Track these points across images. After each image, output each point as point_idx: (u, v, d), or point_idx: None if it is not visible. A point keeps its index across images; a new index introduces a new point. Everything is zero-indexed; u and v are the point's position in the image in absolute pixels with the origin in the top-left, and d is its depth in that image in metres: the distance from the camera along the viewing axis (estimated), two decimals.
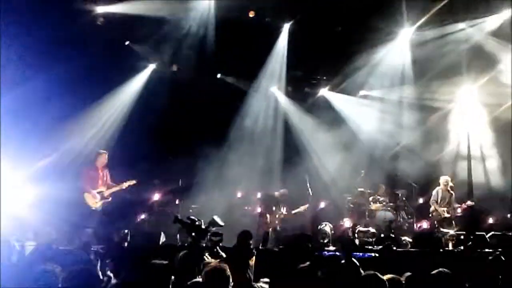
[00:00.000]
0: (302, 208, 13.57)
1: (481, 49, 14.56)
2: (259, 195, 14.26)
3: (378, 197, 14.20)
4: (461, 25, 14.49)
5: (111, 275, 5.47)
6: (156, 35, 13.39)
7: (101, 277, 5.87)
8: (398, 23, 14.82)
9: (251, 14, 14.68)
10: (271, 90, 16.18)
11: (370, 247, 11.88)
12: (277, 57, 15.36)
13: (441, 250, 11.51)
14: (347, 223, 13.18)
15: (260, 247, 11.27)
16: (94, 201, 11.46)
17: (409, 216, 14.23)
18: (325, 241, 12.34)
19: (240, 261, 7.89)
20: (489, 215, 13.80)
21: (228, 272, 5.49)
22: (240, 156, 14.93)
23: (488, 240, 11.63)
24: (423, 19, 14.66)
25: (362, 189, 14.26)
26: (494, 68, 14.95)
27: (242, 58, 14.75)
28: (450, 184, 13.30)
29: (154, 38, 13.55)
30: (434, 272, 6.53)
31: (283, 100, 16.24)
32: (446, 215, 13.02)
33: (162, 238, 11.04)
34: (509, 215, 13.46)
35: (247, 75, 15.75)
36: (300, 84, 16.43)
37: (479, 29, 14.57)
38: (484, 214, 13.87)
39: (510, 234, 11.96)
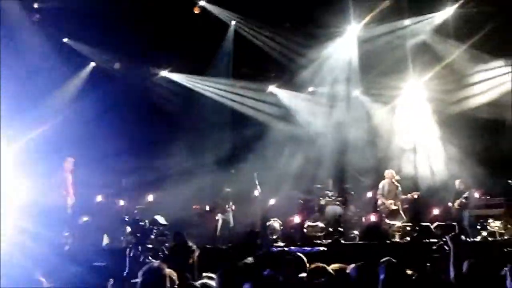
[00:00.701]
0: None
1: (426, 45, 15.05)
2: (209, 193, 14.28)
3: (327, 191, 14.39)
4: (407, 22, 14.87)
5: (43, 280, 5.32)
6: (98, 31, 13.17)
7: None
8: (345, 20, 15.12)
9: (196, 11, 14.77)
10: (219, 87, 16.13)
11: (319, 241, 12.06)
12: (224, 53, 15.40)
13: (388, 241, 11.84)
14: (296, 218, 13.29)
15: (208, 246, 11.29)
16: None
17: (358, 210, 14.48)
18: (274, 237, 12.46)
19: (178, 260, 7.87)
20: (433, 206, 14.19)
21: (165, 271, 5.45)
22: (188, 153, 14.88)
23: (433, 230, 12.05)
24: (369, 16, 15.04)
25: (311, 185, 14.44)
26: (439, 64, 15.39)
27: (188, 55, 14.72)
28: (396, 177, 13.64)
29: (95, 34, 13.33)
30: (381, 261, 6.76)
31: (232, 97, 16.22)
32: (393, 207, 13.35)
33: (106, 241, 10.90)
34: (451, 205, 13.82)
35: (193, 71, 15.68)
36: (248, 81, 16.41)
37: (424, 25, 15.03)
38: (428, 205, 14.26)
39: (454, 224, 12.39)
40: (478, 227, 12.72)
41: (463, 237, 11.62)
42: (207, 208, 13.85)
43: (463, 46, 14.73)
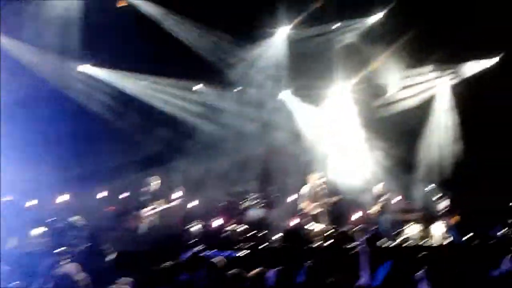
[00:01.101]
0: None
1: (355, 48, 15.43)
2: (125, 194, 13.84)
3: (251, 194, 14.34)
4: (336, 25, 15.31)
5: None
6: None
7: None
8: (275, 21, 15.20)
9: (121, 4, 14.36)
10: (144, 83, 15.68)
11: (240, 245, 11.96)
12: (150, 49, 14.95)
13: (309, 246, 11.91)
14: (218, 221, 13.14)
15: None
16: None
17: (281, 213, 14.35)
18: (195, 240, 12.27)
19: (93, 264, 7.61)
20: (355, 210, 14.45)
21: (78, 275, 5.33)
22: (112, 152, 14.40)
23: (353, 234, 12.22)
24: (300, 18, 15.19)
25: (235, 187, 14.38)
26: (366, 68, 15.76)
27: (111, 50, 14.25)
28: (320, 180, 13.72)
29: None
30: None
31: (157, 95, 15.84)
32: (316, 211, 13.42)
33: (12, 243, 10.31)
34: (370, 211, 14.15)
35: (117, 67, 15.18)
36: (174, 79, 16.04)
37: (353, 29, 15.40)
38: (350, 209, 14.51)
39: (373, 228, 12.65)
40: (396, 231, 12.99)
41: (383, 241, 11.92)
42: (126, 209, 13.38)
43: (390, 51, 15.18)
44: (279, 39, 15.74)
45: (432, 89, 16.20)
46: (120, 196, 14.05)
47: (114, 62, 14.99)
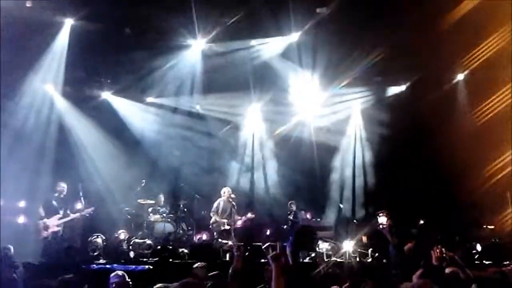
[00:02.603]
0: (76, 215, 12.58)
1: (268, 67, 15.44)
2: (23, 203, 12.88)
3: (159, 208, 13.98)
4: (252, 42, 15.19)
5: None
6: None
7: None
8: (190, 33, 15.00)
9: (29, 4, 13.65)
10: (45, 89, 14.84)
11: (145, 259, 11.46)
12: (55, 53, 14.28)
13: (218, 260, 11.58)
14: (122, 234, 12.55)
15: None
16: None
17: (190, 228, 14.22)
18: (96, 253, 11.60)
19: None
20: (267, 226, 14.38)
21: None
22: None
23: (264, 250, 12.05)
24: (214, 32, 15.08)
25: (141, 200, 13.91)
26: (278, 87, 15.93)
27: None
28: (232, 195, 13.56)
29: None
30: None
31: (59, 101, 14.98)
32: (226, 227, 13.24)
33: None
34: (285, 226, 14.11)
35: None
36: (81, 85, 15.40)
37: (268, 48, 15.43)
38: (262, 225, 14.42)
39: (285, 244, 12.54)
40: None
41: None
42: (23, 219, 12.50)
43: (306, 71, 15.44)
44: (194, 52, 15.46)
45: (345, 111, 16.67)
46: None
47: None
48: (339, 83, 15.76)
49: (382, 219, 13.51)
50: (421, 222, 13.97)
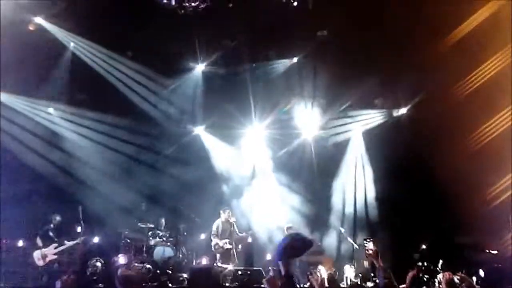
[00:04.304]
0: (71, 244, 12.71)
1: (271, 89, 15.71)
2: None
3: (158, 231, 13.95)
4: (250, 66, 15.56)
5: None
6: None
7: None
8: (192, 57, 15.28)
9: (32, 27, 13.91)
10: (48, 111, 14.99)
11: (144, 283, 11.38)
12: (58, 76, 14.55)
13: (217, 286, 11.52)
14: (121, 258, 12.51)
15: None
16: None
17: (190, 252, 14.19)
18: (95, 277, 11.58)
19: None
20: (268, 251, 14.37)
21: None
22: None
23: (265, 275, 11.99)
24: (216, 55, 15.32)
25: (141, 223, 13.87)
26: (279, 110, 16.09)
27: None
28: (232, 218, 13.51)
29: None
30: None
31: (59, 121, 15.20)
32: (228, 246, 13.09)
33: None
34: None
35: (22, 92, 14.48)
36: (84, 109, 15.44)
37: (267, 71, 15.81)
38: (263, 249, 14.39)
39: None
40: (308, 273, 12.90)
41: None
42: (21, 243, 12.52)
43: (306, 94, 15.82)
44: (195, 75, 15.85)
45: (346, 133, 16.68)
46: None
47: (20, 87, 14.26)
48: (340, 105, 15.92)
49: (369, 245, 13.49)
50: (423, 246, 13.94)
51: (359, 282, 12.39)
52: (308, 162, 16.30)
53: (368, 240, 12.65)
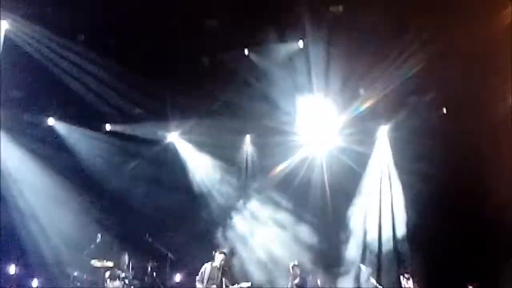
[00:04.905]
0: None
1: (265, 83, 15.59)
2: None
3: (119, 271, 13.85)
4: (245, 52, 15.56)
5: None
6: None
7: None
8: None
9: None
10: None
11: None
12: None
13: None
14: None
15: None
16: None
17: None
18: None
19: None
20: None
21: None
22: None
23: None
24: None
25: (96, 261, 13.77)
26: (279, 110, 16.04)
27: None
28: (225, 263, 13.54)
29: None
30: None
31: None
32: None
33: None
34: None
35: None
36: (19, 109, 15.48)
37: (266, 57, 15.66)
38: None
39: None
40: None
41: None
42: None
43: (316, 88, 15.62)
44: None
45: (368, 141, 16.65)
46: None
47: None
48: (360, 104, 15.82)
49: (404, 283, 13.63)
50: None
51: None
52: (318, 179, 16.37)
53: (406, 274, 12.76)
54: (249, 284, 13.89)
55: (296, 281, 14.35)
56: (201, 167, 16.62)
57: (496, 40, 13.35)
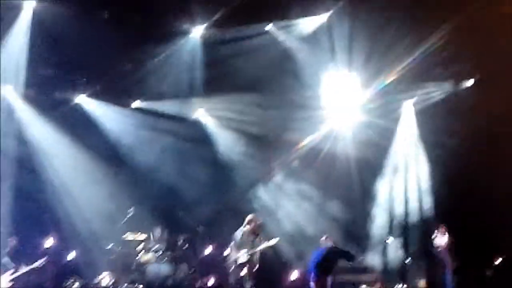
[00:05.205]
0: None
1: (291, 56, 15.77)
2: None
3: (151, 244, 14.25)
4: (268, 26, 15.49)
5: None
6: None
7: None
8: (188, 17, 15.32)
9: None
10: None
11: None
12: (13, 46, 14.68)
13: None
14: (106, 278, 12.92)
15: None
16: None
17: (193, 269, 14.49)
18: None
19: None
20: (293, 268, 14.91)
21: None
22: None
23: None
24: (219, 15, 15.36)
25: (129, 234, 14.22)
26: (302, 85, 16.16)
27: None
28: (257, 223, 13.53)
29: None
30: None
31: (20, 106, 15.39)
32: (242, 260, 13.09)
33: None
34: None
35: None
36: (48, 86, 15.72)
37: (289, 32, 15.71)
38: (287, 267, 14.81)
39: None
40: None
41: None
42: None
43: (340, 63, 15.70)
44: (192, 41, 15.77)
45: (393, 115, 16.87)
46: None
47: None
48: (385, 78, 15.86)
49: (439, 240, 13.81)
50: (498, 260, 14.15)
51: None
52: (343, 153, 16.56)
53: (437, 232, 12.91)
54: (277, 239, 13.77)
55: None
56: (227, 141, 16.80)
57: None
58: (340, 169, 16.50)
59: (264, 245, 13.29)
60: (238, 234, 13.52)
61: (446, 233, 14.15)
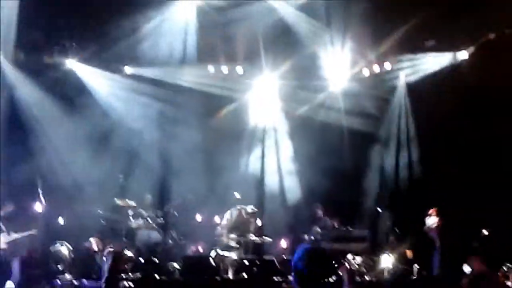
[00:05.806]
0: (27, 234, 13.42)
1: (288, 27, 15.92)
2: None
3: (142, 211, 14.46)
4: None
5: None
6: None
7: None
8: None
9: None
10: None
11: (124, 275, 12.09)
12: (2, 10, 14.83)
13: (217, 278, 12.29)
14: (94, 243, 13.17)
15: None
16: None
17: (182, 237, 14.82)
18: (60, 266, 12.34)
19: None
20: (283, 236, 15.15)
21: None
22: None
23: (278, 266, 12.76)
24: None
25: (119, 201, 14.35)
26: (300, 53, 16.36)
27: None
28: (250, 210, 14.08)
29: None
30: None
31: (10, 71, 15.55)
32: (234, 244, 13.56)
33: None
34: (306, 237, 14.81)
35: None
36: (38, 51, 16.01)
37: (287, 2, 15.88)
38: (277, 235, 15.04)
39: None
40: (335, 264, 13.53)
41: None
42: None
43: (334, 32, 15.95)
44: (185, 7, 15.92)
45: (386, 85, 17.19)
46: None
47: None
48: (378, 47, 16.14)
49: (431, 220, 14.19)
50: (485, 232, 14.50)
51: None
52: (336, 125, 16.82)
53: (430, 214, 13.23)
54: (270, 240, 14.40)
55: (317, 222, 14.99)
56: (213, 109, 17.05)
57: None
58: (332, 138, 16.63)
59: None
60: (229, 214, 14.03)
61: (437, 214, 14.47)
